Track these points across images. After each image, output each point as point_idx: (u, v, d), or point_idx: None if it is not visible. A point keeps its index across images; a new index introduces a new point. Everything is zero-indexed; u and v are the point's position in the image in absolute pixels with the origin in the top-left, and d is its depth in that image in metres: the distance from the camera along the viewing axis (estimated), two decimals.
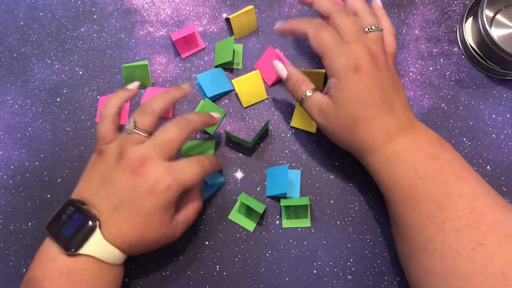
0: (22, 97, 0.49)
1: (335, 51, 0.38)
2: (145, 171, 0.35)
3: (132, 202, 0.35)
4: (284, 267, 0.44)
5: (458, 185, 0.34)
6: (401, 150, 0.36)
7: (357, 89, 0.37)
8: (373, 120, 0.37)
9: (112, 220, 0.35)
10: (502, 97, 0.49)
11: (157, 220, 0.36)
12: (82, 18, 0.52)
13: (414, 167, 0.35)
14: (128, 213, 0.35)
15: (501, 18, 0.49)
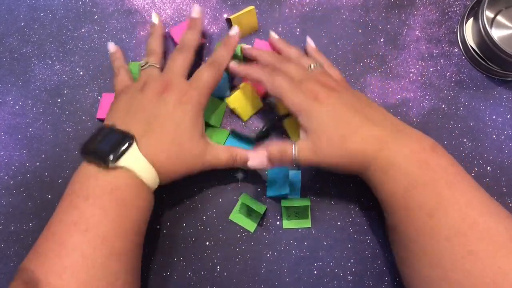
0: (23, 97, 0.49)
1: (291, 91, 0.39)
2: (170, 90, 0.39)
3: (161, 116, 0.38)
4: (285, 267, 0.44)
5: (450, 192, 0.34)
6: (394, 157, 0.36)
7: (324, 114, 0.38)
8: (357, 132, 0.37)
9: (144, 138, 0.37)
10: (503, 98, 0.49)
11: (187, 131, 0.38)
12: (83, 18, 0.52)
13: (407, 175, 0.35)
14: (159, 127, 0.37)
15: (501, 19, 0.49)
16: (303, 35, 0.51)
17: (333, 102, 0.38)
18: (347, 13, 0.52)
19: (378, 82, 0.50)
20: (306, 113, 0.38)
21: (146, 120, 0.38)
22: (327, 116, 0.38)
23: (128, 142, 0.35)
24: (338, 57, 0.51)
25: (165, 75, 0.41)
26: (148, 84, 0.40)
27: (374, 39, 0.51)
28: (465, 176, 0.36)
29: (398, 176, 0.36)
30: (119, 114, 0.39)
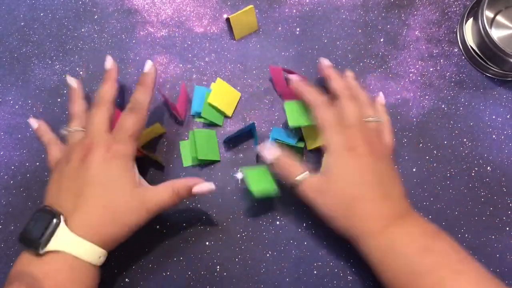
0: (22, 97, 0.49)
1: (334, 129, 0.39)
2: (93, 151, 0.36)
3: (88, 182, 0.35)
4: (284, 267, 0.44)
5: (453, 282, 0.32)
6: (396, 240, 0.35)
7: (351, 168, 0.37)
8: (367, 200, 0.36)
9: (76, 211, 0.35)
10: (502, 98, 0.49)
11: (117, 189, 0.36)
12: (83, 18, 0.52)
13: (410, 261, 0.34)
14: (88, 194, 0.35)
15: (501, 19, 0.50)
16: (303, 35, 0.51)
17: (364, 163, 0.37)
18: (347, 13, 0.52)
19: (378, 82, 0.50)
20: (334, 157, 0.38)
21: (75, 193, 0.35)
22: (352, 171, 0.37)
23: (55, 223, 0.33)
24: (338, 57, 0.51)
25: (86, 137, 0.38)
26: (71, 152, 0.38)
27: (374, 39, 0.51)
28: (470, 262, 0.34)
29: (400, 262, 0.34)
30: (51, 194, 0.37)
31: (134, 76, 0.50)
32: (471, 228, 0.45)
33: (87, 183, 0.35)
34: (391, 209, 0.36)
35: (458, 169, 0.47)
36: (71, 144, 0.39)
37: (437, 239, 0.35)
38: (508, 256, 0.44)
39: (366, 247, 0.37)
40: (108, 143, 0.37)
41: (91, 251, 0.35)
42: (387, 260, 0.35)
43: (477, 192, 0.46)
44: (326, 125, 0.39)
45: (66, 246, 0.34)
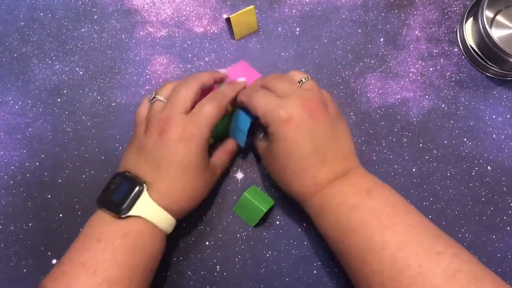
0: (22, 97, 0.49)
1: (268, 109, 0.38)
2: (169, 128, 0.37)
3: (167, 158, 0.37)
4: (284, 267, 0.44)
5: (380, 237, 0.33)
6: (327, 200, 0.36)
7: (288, 142, 0.37)
8: (301, 172, 0.37)
9: (155, 181, 0.37)
10: (502, 97, 0.49)
11: (194, 167, 0.38)
12: (83, 18, 0.52)
13: (338, 219, 0.35)
14: (167, 169, 0.37)
15: (501, 19, 0.50)
16: (303, 35, 0.51)
17: (301, 133, 0.37)
18: (347, 12, 0.52)
19: (378, 81, 0.50)
20: (273, 133, 0.38)
21: (153, 163, 0.37)
22: (288, 145, 0.37)
23: (138, 190, 0.36)
24: (338, 57, 0.51)
25: (164, 111, 0.39)
26: (150, 123, 0.39)
27: (374, 39, 0.51)
28: (404, 215, 0.34)
29: (329, 221, 0.36)
30: (129, 160, 0.39)
31: (134, 76, 0.50)
32: (471, 228, 0.45)
33: (166, 159, 0.37)
34: (326, 173, 0.37)
35: (458, 169, 0.47)
36: (152, 114, 0.40)
37: (370, 196, 0.35)
38: (509, 255, 0.44)
39: (304, 206, 0.39)
40: (185, 123, 0.38)
41: (168, 220, 0.38)
42: (320, 218, 0.37)
43: (477, 191, 0.46)
44: (260, 108, 0.39)
45: (147, 213, 0.36)
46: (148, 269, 0.36)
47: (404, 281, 0.30)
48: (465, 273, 0.30)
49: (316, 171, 0.37)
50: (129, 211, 0.35)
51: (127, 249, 0.35)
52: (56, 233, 0.45)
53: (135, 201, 0.36)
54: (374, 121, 0.48)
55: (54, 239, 0.45)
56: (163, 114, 0.38)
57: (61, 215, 0.45)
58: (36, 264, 0.44)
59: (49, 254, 0.44)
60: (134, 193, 0.36)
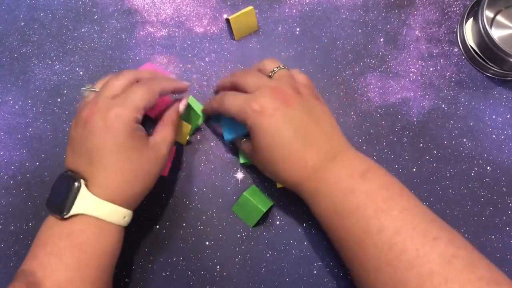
0: (22, 97, 0.49)
1: (240, 107, 0.38)
2: (93, 115, 0.35)
3: (97, 148, 0.35)
4: (284, 267, 0.44)
5: (376, 220, 0.32)
6: (321, 184, 0.36)
7: (266, 132, 0.36)
8: (288, 159, 0.36)
9: (92, 174, 0.35)
10: (502, 97, 0.49)
11: (126, 150, 0.36)
12: (83, 18, 0.52)
13: (333, 202, 0.34)
14: (99, 159, 0.35)
15: (501, 19, 0.50)
16: (303, 35, 0.51)
17: (278, 120, 0.36)
18: (347, 12, 0.52)
19: (378, 81, 0.50)
20: (251, 129, 0.37)
21: (86, 156, 0.36)
22: (268, 136, 0.36)
23: (76, 188, 0.34)
24: (338, 57, 0.51)
25: (92, 99, 0.37)
26: (78, 114, 0.38)
27: (374, 39, 0.51)
28: (400, 198, 0.34)
29: (323, 205, 0.35)
30: (68, 157, 0.38)
31: None
32: (471, 228, 0.45)
33: (95, 149, 0.35)
34: (314, 156, 0.36)
35: (458, 169, 0.47)
36: (80, 105, 0.39)
37: (364, 179, 0.34)
38: (508, 255, 0.44)
39: (298, 192, 0.38)
40: (108, 106, 0.36)
41: (115, 212, 0.35)
42: (314, 202, 0.37)
43: (477, 192, 0.46)
44: (233, 109, 0.38)
45: (89, 209, 0.34)
46: (101, 268, 0.35)
47: (401, 266, 0.30)
48: (461, 259, 0.30)
49: (302, 155, 0.36)
50: (70, 211, 0.34)
51: (72, 249, 0.33)
52: None
53: (75, 199, 0.34)
54: (375, 121, 0.48)
55: None
56: (90, 103, 0.37)
57: None
58: None
59: None
60: (72, 192, 0.34)
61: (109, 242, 0.36)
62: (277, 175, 0.38)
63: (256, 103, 0.37)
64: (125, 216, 0.37)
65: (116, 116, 0.35)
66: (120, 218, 0.36)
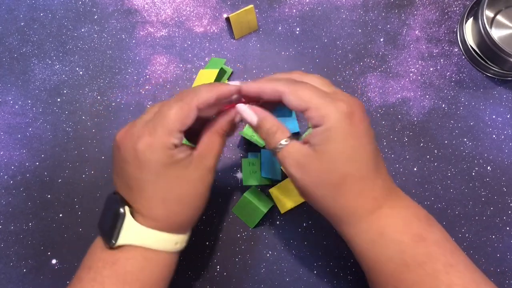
0: (22, 97, 0.49)
1: (322, 100, 0.31)
2: (125, 142, 0.32)
3: (133, 177, 0.32)
4: (284, 267, 0.44)
5: (446, 276, 0.29)
6: (387, 225, 0.31)
7: (351, 141, 0.30)
8: (362, 179, 0.31)
9: (135, 203, 0.32)
10: (503, 97, 0.49)
11: (168, 178, 0.32)
12: (83, 18, 0.52)
13: (401, 251, 0.30)
14: (139, 190, 0.32)
15: (501, 19, 0.49)
16: (303, 35, 0.51)
17: (364, 133, 0.31)
18: (347, 12, 0.52)
19: (378, 81, 0.50)
20: (329, 129, 0.30)
21: (126, 183, 0.33)
22: (350, 145, 0.31)
23: (122, 216, 0.32)
24: (338, 57, 0.50)
25: (131, 123, 0.34)
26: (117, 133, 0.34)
27: (374, 39, 0.51)
28: (461, 253, 0.32)
29: (390, 250, 0.31)
30: (114, 176, 0.35)
31: (134, 76, 0.50)
32: (471, 227, 0.45)
33: (132, 179, 0.32)
34: (382, 187, 0.32)
35: (458, 169, 0.47)
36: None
37: (431, 226, 0.32)
38: (509, 255, 0.44)
39: (353, 230, 0.32)
40: (140, 134, 0.31)
41: (163, 240, 0.33)
42: (376, 246, 0.31)
43: (478, 191, 0.46)
44: (310, 101, 0.31)
45: (134, 239, 0.32)
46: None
47: None
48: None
49: (375, 182, 0.31)
50: (117, 241, 0.31)
51: (116, 280, 0.31)
52: (56, 233, 0.45)
53: (121, 229, 0.32)
54: (375, 121, 0.48)
55: (54, 239, 0.45)
56: (126, 128, 0.33)
57: (61, 215, 0.45)
58: (36, 264, 0.44)
59: (49, 254, 0.44)
60: (119, 220, 0.32)
61: (157, 270, 0.33)
62: (336, 200, 0.31)
63: (344, 103, 0.31)
64: (177, 242, 0.34)
65: (146, 147, 0.31)
66: (171, 245, 0.33)
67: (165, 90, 0.49)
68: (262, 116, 0.34)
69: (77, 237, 0.45)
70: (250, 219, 0.44)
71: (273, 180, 0.45)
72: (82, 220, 0.45)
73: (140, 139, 0.31)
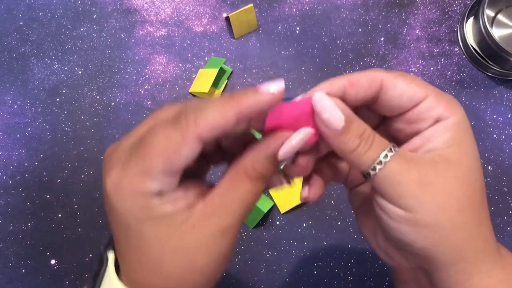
0: (21, 97, 0.49)
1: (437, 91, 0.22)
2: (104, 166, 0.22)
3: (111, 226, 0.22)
4: (284, 267, 0.43)
5: None
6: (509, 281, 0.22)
7: (474, 152, 0.22)
8: (483, 211, 0.22)
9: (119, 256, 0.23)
10: (503, 97, 0.49)
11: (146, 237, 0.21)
12: (82, 18, 0.52)
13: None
14: (117, 243, 0.22)
15: (502, 18, 0.49)
16: (303, 34, 0.51)
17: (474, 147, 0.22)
18: (347, 12, 0.52)
19: None
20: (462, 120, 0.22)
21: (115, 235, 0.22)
22: (475, 149, 0.22)
23: (105, 263, 0.23)
24: (338, 56, 0.50)
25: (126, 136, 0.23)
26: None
27: (374, 38, 0.51)
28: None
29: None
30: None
31: (133, 76, 0.50)
32: None
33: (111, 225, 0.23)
34: (490, 231, 0.23)
35: None
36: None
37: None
38: None
39: (486, 279, 0.22)
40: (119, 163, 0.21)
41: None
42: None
43: None
44: (429, 89, 0.22)
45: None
46: None
47: None
48: None
49: (481, 219, 0.22)
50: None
51: None
52: (55, 233, 0.45)
53: (102, 281, 0.23)
54: None
55: (53, 239, 0.45)
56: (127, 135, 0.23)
57: (60, 215, 0.45)
58: (35, 264, 0.44)
59: (48, 254, 0.44)
60: (102, 268, 0.23)
61: None
62: (480, 225, 0.22)
63: (452, 103, 0.22)
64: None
65: (113, 187, 0.20)
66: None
67: (165, 90, 0.49)
68: (350, 115, 0.22)
69: (76, 237, 0.45)
70: (250, 219, 0.44)
71: None
72: (81, 220, 0.45)
73: (110, 172, 0.21)
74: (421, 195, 0.20)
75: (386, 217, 0.22)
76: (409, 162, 0.21)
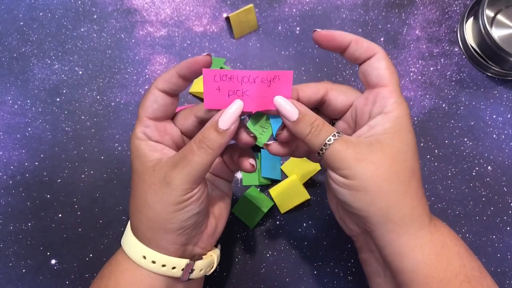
0: (22, 97, 0.49)
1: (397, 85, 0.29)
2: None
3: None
4: (284, 267, 0.43)
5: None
6: (447, 235, 0.29)
7: (411, 134, 0.28)
8: (419, 180, 0.29)
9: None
10: (503, 97, 0.49)
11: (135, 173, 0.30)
12: (82, 18, 0.52)
13: (462, 265, 0.28)
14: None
15: (501, 18, 0.49)
16: (303, 34, 0.51)
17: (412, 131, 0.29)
18: (347, 12, 0.52)
19: None
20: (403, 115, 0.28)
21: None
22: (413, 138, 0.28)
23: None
24: (338, 56, 0.50)
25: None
26: None
27: (374, 39, 0.51)
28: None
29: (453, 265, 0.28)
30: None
31: (133, 76, 0.50)
32: (472, 227, 0.45)
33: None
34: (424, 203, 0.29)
35: (459, 169, 0.47)
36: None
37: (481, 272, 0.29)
38: (509, 256, 0.44)
39: (413, 241, 0.27)
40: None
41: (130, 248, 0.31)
42: (441, 260, 0.27)
43: (478, 191, 0.46)
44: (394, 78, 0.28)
45: (127, 248, 0.31)
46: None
47: None
48: None
49: (419, 188, 0.29)
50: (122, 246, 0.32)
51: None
52: (55, 233, 0.45)
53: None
54: None
55: (53, 239, 0.45)
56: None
57: (60, 215, 0.45)
58: (35, 264, 0.44)
59: (48, 254, 0.44)
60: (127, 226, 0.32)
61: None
62: (405, 194, 0.27)
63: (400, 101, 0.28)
64: (144, 255, 0.30)
65: (132, 133, 0.31)
66: (137, 257, 0.30)
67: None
68: (303, 109, 0.29)
69: (76, 237, 0.45)
70: (250, 219, 0.44)
71: (273, 180, 0.45)
72: (82, 220, 0.45)
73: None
74: (355, 167, 0.27)
75: (332, 183, 0.28)
76: (348, 143, 0.27)
